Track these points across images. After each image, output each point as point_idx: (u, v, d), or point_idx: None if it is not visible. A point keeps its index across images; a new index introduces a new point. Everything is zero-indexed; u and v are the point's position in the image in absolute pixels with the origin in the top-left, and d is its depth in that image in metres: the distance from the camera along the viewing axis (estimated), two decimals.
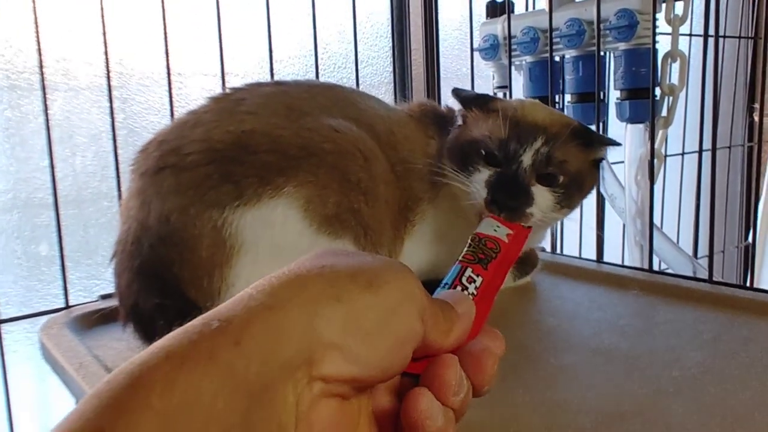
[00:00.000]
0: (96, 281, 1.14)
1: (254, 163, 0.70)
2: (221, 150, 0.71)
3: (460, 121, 0.83)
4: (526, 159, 0.75)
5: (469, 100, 0.83)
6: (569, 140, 0.77)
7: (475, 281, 0.45)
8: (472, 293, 0.44)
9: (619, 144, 0.81)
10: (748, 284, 1.04)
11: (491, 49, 1.26)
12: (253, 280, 0.69)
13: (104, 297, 0.93)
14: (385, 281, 0.35)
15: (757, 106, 1.82)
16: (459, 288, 0.44)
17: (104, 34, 0.97)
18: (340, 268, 0.35)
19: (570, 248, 1.20)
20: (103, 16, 0.96)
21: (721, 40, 1.10)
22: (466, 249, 0.48)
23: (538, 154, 0.75)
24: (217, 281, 0.68)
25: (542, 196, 0.75)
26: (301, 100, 0.79)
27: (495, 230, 0.51)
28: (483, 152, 0.77)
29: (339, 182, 0.73)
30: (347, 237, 0.73)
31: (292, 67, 1.34)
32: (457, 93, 0.84)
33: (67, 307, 0.94)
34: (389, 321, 0.34)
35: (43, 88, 0.94)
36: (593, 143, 0.80)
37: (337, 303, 0.33)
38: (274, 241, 0.70)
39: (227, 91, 0.81)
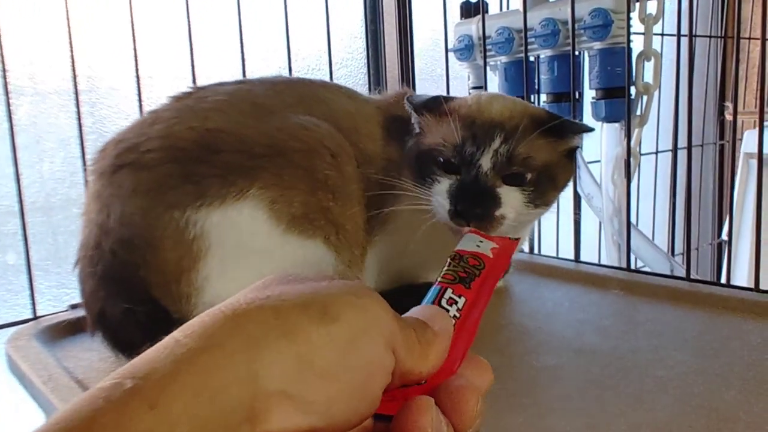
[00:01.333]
0: (66, 290, 1.11)
1: (216, 163, 0.68)
2: (183, 148, 0.69)
3: (417, 129, 0.78)
4: (485, 162, 0.69)
5: (420, 106, 0.77)
6: (533, 132, 0.71)
7: (456, 302, 0.40)
8: (454, 316, 0.39)
9: (591, 129, 0.75)
10: (723, 281, 1.05)
11: (466, 50, 1.25)
12: (222, 282, 0.68)
13: (74, 306, 0.90)
14: (342, 309, 0.30)
15: (728, 104, 1.85)
16: None
17: (70, 36, 0.94)
18: (288, 297, 0.30)
19: (547, 248, 1.19)
20: (68, 18, 0.93)
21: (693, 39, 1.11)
22: (445, 268, 0.44)
23: (498, 154, 0.70)
24: (185, 285, 0.67)
25: (511, 196, 0.70)
26: (266, 98, 0.77)
27: (478, 246, 0.47)
28: (440, 160, 0.72)
29: (306, 181, 0.71)
30: (318, 237, 0.72)
31: (265, 68, 1.32)
32: (409, 101, 0.78)
33: (35, 317, 0.91)
34: (350, 356, 0.29)
35: (7, 92, 0.91)
36: (563, 132, 0.74)
37: (285, 340, 0.28)
38: (241, 243, 0.68)
39: (189, 89, 0.79)
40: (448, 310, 0.39)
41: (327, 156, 0.73)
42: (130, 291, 0.67)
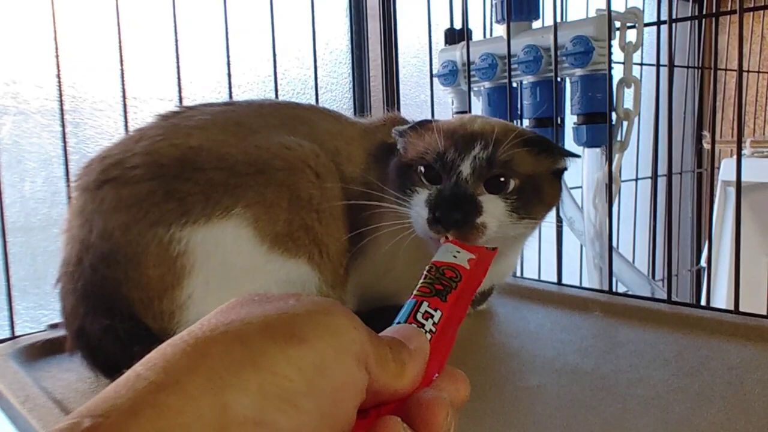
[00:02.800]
0: (44, 311, 1.10)
1: (200, 181, 0.68)
2: (166, 165, 0.69)
3: (401, 150, 0.79)
4: (465, 167, 0.69)
5: (407, 128, 0.78)
6: (514, 143, 0.70)
7: (432, 316, 0.39)
8: (430, 330, 0.39)
9: (577, 156, 0.76)
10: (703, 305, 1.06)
11: (450, 75, 1.27)
12: (206, 300, 0.68)
13: (52, 326, 0.89)
14: (310, 329, 0.29)
15: (705, 133, 1.88)
16: (414, 326, 0.39)
17: (57, 56, 0.94)
18: (253, 320, 0.29)
19: (530, 271, 1.20)
20: (56, 38, 0.93)
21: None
22: (421, 281, 0.43)
23: (477, 159, 0.69)
24: (168, 302, 0.66)
25: (493, 203, 0.69)
26: (251, 118, 0.78)
27: (455, 257, 0.46)
28: (422, 169, 0.72)
29: (289, 200, 0.71)
30: (301, 256, 0.72)
31: (251, 93, 1.33)
32: (397, 130, 0.79)
33: (13, 337, 0.89)
34: (321, 378, 0.28)
35: None
36: (550, 151, 0.74)
37: (251, 369, 0.27)
38: (226, 261, 0.68)
39: (176, 109, 0.79)
40: (423, 325, 0.39)
41: (311, 175, 0.74)
42: (111, 307, 0.66)
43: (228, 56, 1.10)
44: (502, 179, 0.70)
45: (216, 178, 0.69)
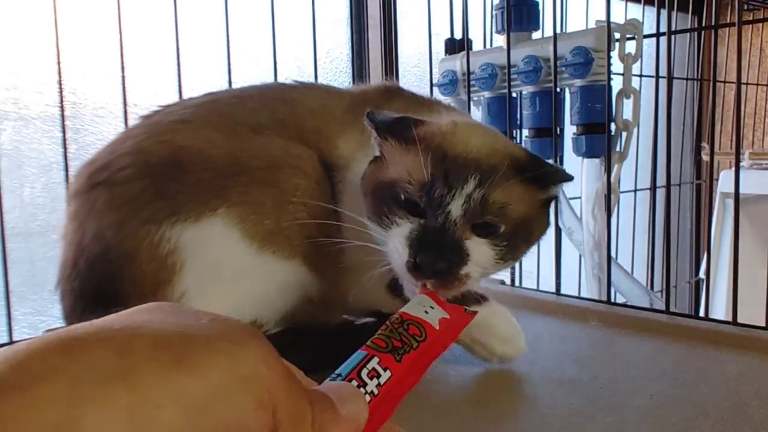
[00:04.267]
0: (42, 317, 1.09)
1: (187, 182, 0.69)
2: (155, 165, 0.69)
3: (377, 151, 0.69)
4: (455, 208, 0.59)
5: (385, 126, 0.66)
6: (511, 176, 0.61)
7: (379, 376, 0.35)
8: (372, 392, 0.34)
9: (571, 178, 0.68)
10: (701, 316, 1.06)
11: (450, 85, 1.27)
12: (201, 299, 0.67)
13: (50, 332, 0.89)
14: (205, 357, 0.25)
15: (704, 144, 1.89)
16: (354, 383, 0.34)
17: (58, 62, 0.94)
18: (146, 332, 0.25)
19: (528, 281, 1.20)
20: (57, 44, 0.94)
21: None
22: (380, 332, 0.38)
23: (471, 200, 0.59)
24: (161, 298, 0.66)
25: (480, 251, 0.61)
26: (231, 106, 0.78)
27: (426, 312, 0.41)
28: (402, 197, 0.62)
29: (274, 198, 0.71)
30: (297, 256, 0.71)
31: None
32: (371, 118, 0.67)
33: (11, 342, 0.89)
34: (203, 415, 0.24)
35: None
36: (545, 180, 0.65)
37: (123, 384, 0.23)
38: (217, 261, 0.68)
39: (157, 108, 0.80)
40: (366, 383, 0.34)
41: (288, 168, 0.73)
42: (109, 304, 0.66)
43: (229, 63, 1.10)
44: (493, 223, 0.61)
45: (202, 180, 0.69)
